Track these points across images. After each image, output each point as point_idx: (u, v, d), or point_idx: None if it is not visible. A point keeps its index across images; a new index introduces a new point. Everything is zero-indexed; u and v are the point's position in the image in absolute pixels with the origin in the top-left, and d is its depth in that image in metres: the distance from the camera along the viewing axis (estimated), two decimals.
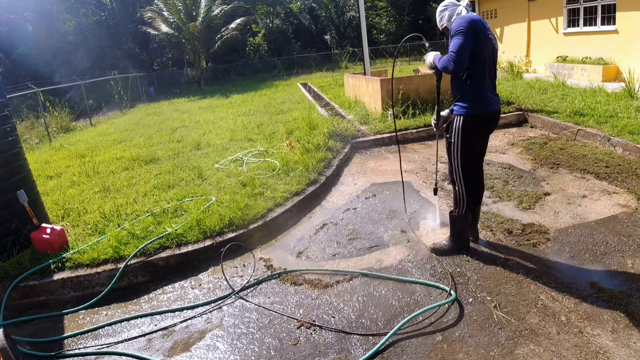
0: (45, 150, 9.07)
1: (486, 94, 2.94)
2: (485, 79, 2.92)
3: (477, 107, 2.93)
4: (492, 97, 2.97)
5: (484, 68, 2.88)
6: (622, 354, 2.21)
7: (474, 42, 2.76)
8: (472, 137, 3.01)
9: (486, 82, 2.93)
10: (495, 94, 3.03)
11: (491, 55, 2.92)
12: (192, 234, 3.72)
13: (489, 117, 3.01)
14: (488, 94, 2.95)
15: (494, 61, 2.97)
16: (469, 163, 3.10)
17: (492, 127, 3.13)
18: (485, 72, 2.90)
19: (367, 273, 3.20)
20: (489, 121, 3.04)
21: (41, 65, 21.20)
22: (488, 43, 2.86)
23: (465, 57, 2.76)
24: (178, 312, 3.00)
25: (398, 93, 7.80)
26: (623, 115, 6.15)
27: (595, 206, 3.89)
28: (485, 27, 2.85)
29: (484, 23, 2.88)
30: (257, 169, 5.44)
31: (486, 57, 2.87)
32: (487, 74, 2.92)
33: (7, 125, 3.81)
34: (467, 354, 2.32)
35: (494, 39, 2.94)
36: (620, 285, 2.75)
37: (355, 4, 17.76)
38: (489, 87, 2.95)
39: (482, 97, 2.93)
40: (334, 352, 2.46)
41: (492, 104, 2.97)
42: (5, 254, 3.59)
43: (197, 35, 22.45)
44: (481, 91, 2.92)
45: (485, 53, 2.85)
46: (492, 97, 2.98)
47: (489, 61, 2.91)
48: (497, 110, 3.05)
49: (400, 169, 4.19)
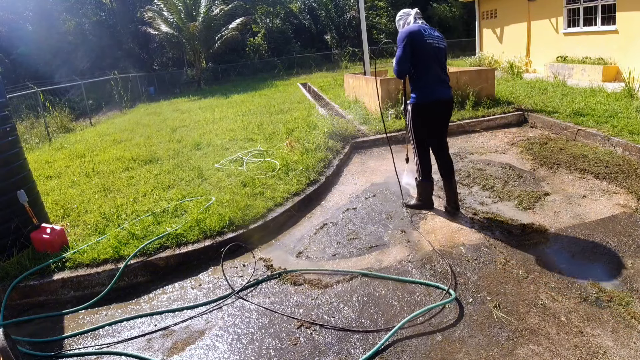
0: (45, 150, 9.07)
1: (431, 86, 3.64)
2: (430, 74, 3.62)
3: (422, 96, 3.67)
4: (438, 88, 3.66)
5: (428, 66, 3.60)
6: (622, 354, 2.21)
7: (412, 50, 3.54)
8: (421, 120, 3.75)
9: (431, 76, 3.63)
10: (443, 85, 3.69)
11: (435, 55, 3.60)
12: (192, 234, 3.72)
13: (436, 104, 3.69)
14: (434, 85, 3.65)
15: (440, 59, 3.65)
16: (421, 140, 3.87)
17: (442, 112, 3.77)
18: (430, 69, 3.61)
19: (366, 273, 3.20)
20: (436, 107, 3.71)
21: (41, 65, 21.19)
22: (428, 47, 3.56)
23: (404, 67, 3.59)
24: (178, 312, 3.00)
25: (398, 93, 7.80)
26: (623, 115, 6.15)
27: (595, 206, 3.89)
28: (423, 34, 3.55)
29: (423, 30, 3.57)
30: (257, 169, 5.44)
31: (429, 58, 3.58)
32: (433, 70, 3.62)
33: (7, 125, 3.81)
34: (467, 354, 2.32)
35: (437, 40, 3.62)
36: (620, 285, 2.75)
37: (355, 4, 17.76)
38: (435, 80, 3.65)
39: (427, 89, 3.65)
40: (334, 352, 2.46)
41: (438, 93, 3.67)
42: (5, 254, 3.59)
43: (197, 35, 22.44)
44: (426, 84, 3.64)
45: (427, 55, 3.57)
46: (438, 87, 3.66)
47: (433, 60, 3.61)
48: (445, 98, 3.71)
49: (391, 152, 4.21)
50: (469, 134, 6.92)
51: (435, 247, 3.48)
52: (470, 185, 4.68)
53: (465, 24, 28.18)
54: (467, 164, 5.42)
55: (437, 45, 3.61)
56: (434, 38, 3.60)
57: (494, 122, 7.19)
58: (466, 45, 25.41)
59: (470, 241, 3.51)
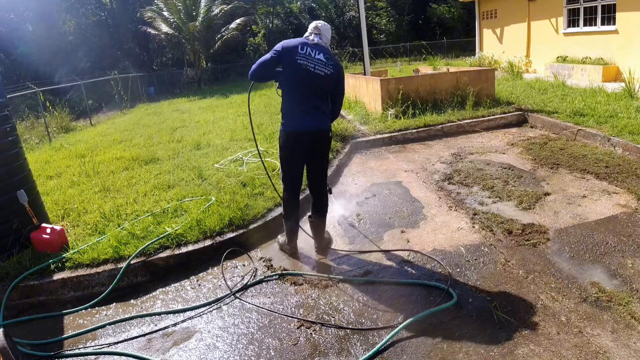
0: (45, 150, 9.06)
1: (296, 114, 3.14)
2: (295, 100, 3.13)
3: (286, 124, 3.19)
4: (302, 116, 3.13)
5: (294, 90, 3.12)
6: (622, 354, 2.21)
7: (276, 62, 3.09)
8: (285, 150, 3.25)
9: (296, 103, 3.13)
10: (313, 114, 3.14)
11: (307, 80, 3.05)
12: (192, 234, 3.72)
13: (299, 136, 3.16)
14: (298, 113, 3.13)
15: (316, 86, 3.09)
16: (287, 169, 3.35)
17: (307, 145, 3.22)
18: (297, 94, 3.12)
19: (366, 279, 3.20)
20: (300, 139, 3.18)
21: (41, 65, 21.19)
22: (298, 68, 3.04)
23: (260, 69, 3.10)
24: (178, 313, 3.00)
25: (398, 93, 7.81)
26: (623, 115, 6.15)
27: (595, 206, 3.89)
28: (297, 52, 3.04)
29: (301, 48, 3.06)
30: (257, 169, 5.44)
31: (296, 80, 3.08)
32: (300, 96, 3.12)
33: (7, 125, 3.80)
34: (467, 354, 2.32)
35: (315, 64, 3.04)
36: (620, 285, 2.75)
37: (355, 4, 17.76)
38: (300, 107, 3.13)
39: (291, 116, 3.16)
40: (334, 352, 2.46)
41: (302, 123, 3.13)
42: (5, 254, 3.59)
43: (197, 35, 22.45)
44: (290, 110, 3.16)
45: (295, 77, 3.07)
46: (302, 116, 3.13)
47: (303, 84, 3.08)
48: (309, 130, 3.15)
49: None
50: (469, 134, 6.93)
51: (436, 247, 3.48)
52: (470, 185, 4.68)
53: (465, 24, 28.20)
54: (467, 164, 5.42)
55: (313, 69, 3.04)
56: (313, 61, 3.05)
57: (494, 122, 7.19)
58: (466, 45, 25.44)
59: (470, 241, 3.51)
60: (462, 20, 28.47)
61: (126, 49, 27.52)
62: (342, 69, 3.22)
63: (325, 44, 3.19)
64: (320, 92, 3.15)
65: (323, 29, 3.20)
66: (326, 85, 3.14)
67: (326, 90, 3.18)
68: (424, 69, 11.16)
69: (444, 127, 7.01)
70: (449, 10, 28.39)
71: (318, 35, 3.17)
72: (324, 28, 3.21)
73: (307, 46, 3.09)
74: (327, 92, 3.20)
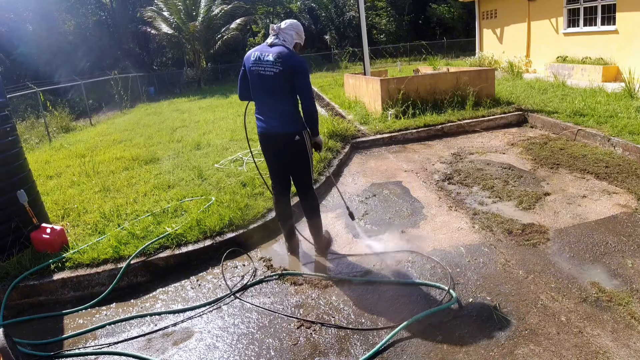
0: (45, 150, 9.06)
1: (258, 117, 3.28)
2: (259, 105, 3.27)
3: (257, 126, 3.34)
4: (262, 121, 3.25)
5: (255, 95, 3.24)
6: (622, 354, 2.21)
7: (245, 74, 3.24)
8: (262, 150, 3.44)
9: (258, 106, 3.28)
10: (268, 117, 3.22)
11: (260, 83, 3.13)
12: (192, 234, 3.72)
13: (263, 138, 3.33)
14: (259, 116, 3.27)
15: (267, 90, 3.15)
16: (269, 170, 3.54)
17: (270, 147, 3.35)
18: (257, 99, 3.25)
19: (367, 279, 3.20)
20: (265, 141, 3.34)
21: (41, 65, 21.18)
22: (252, 74, 3.15)
23: (239, 88, 3.36)
24: (178, 312, 3.00)
25: (398, 93, 7.81)
26: (623, 115, 6.15)
27: (595, 206, 3.89)
28: (250, 59, 3.14)
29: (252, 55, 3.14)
30: (257, 169, 5.43)
31: (254, 85, 3.18)
32: (259, 99, 3.24)
33: (7, 125, 3.80)
34: (467, 354, 2.32)
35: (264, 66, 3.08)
36: (620, 285, 2.75)
37: (355, 4, 17.75)
38: (260, 111, 3.27)
39: (257, 120, 3.31)
40: (334, 352, 2.46)
41: (261, 126, 3.27)
42: (5, 254, 3.59)
43: (197, 35, 22.45)
44: (257, 114, 3.30)
45: (253, 82, 3.17)
46: (263, 120, 3.25)
47: (259, 88, 3.16)
48: (270, 133, 3.25)
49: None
50: (469, 134, 6.93)
51: (436, 247, 3.48)
52: (470, 185, 4.68)
53: (465, 24, 28.19)
54: (467, 164, 5.42)
55: (263, 72, 3.07)
56: (262, 64, 3.07)
57: (494, 122, 7.19)
58: (466, 45, 25.43)
59: (470, 241, 3.51)
60: (462, 20, 28.46)
61: (126, 49, 27.51)
62: (297, 63, 3.05)
63: (282, 42, 3.11)
64: (275, 93, 3.12)
65: (282, 27, 3.15)
66: (277, 84, 3.08)
67: (282, 90, 3.10)
68: (424, 69, 11.15)
69: (444, 127, 7.01)
70: (449, 10, 28.37)
71: (275, 35, 3.16)
72: (285, 26, 3.15)
73: (258, 52, 3.14)
74: (285, 92, 3.12)
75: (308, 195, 3.46)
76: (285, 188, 3.51)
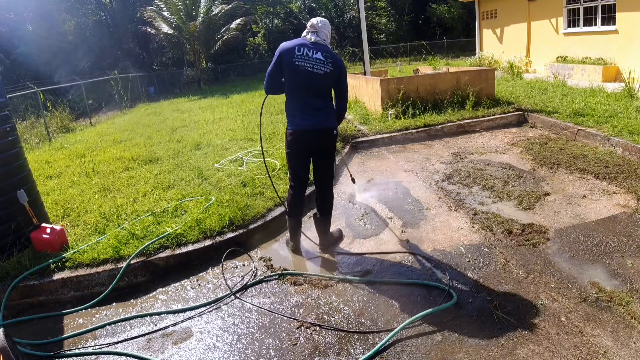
0: (45, 150, 9.06)
1: (297, 114, 3.21)
2: (295, 100, 3.20)
3: (289, 124, 3.27)
4: (303, 116, 3.19)
5: (295, 90, 3.17)
6: (622, 354, 2.21)
7: (279, 68, 3.14)
8: (291, 149, 3.33)
9: (297, 103, 3.20)
10: (314, 114, 3.19)
11: (306, 79, 3.10)
12: (192, 234, 3.72)
13: (299, 135, 3.23)
14: (299, 113, 3.20)
15: (315, 85, 3.12)
16: (292, 168, 3.43)
17: (311, 144, 3.28)
18: (299, 95, 3.17)
19: (367, 279, 3.20)
20: (300, 138, 3.24)
21: (41, 65, 21.19)
22: (296, 69, 3.08)
23: (269, 81, 3.22)
24: (178, 312, 3.00)
25: (398, 93, 7.81)
26: (623, 116, 6.15)
27: (595, 206, 3.89)
28: (294, 53, 3.08)
29: (298, 49, 3.08)
30: (257, 169, 5.44)
31: (297, 81, 3.12)
32: (300, 96, 3.17)
33: (7, 125, 3.80)
34: (467, 354, 2.32)
35: (313, 63, 3.08)
36: (620, 285, 2.75)
37: (355, 4, 17.75)
38: (301, 107, 3.19)
39: (293, 116, 3.23)
40: (334, 352, 2.46)
41: (302, 122, 3.20)
42: (5, 254, 3.59)
43: (197, 35, 22.45)
44: (292, 111, 3.24)
45: (295, 78, 3.11)
46: (304, 115, 3.19)
47: (304, 85, 3.12)
48: (312, 129, 3.20)
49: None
50: (469, 134, 6.93)
51: (436, 247, 3.48)
52: (470, 185, 4.68)
53: (465, 24, 28.20)
54: (467, 164, 5.42)
55: (312, 69, 3.07)
56: (311, 61, 3.07)
57: (494, 122, 7.19)
58: (466, 45, 25.44)
59: (470, 241, 3.51)
60: (462, 20, 28.48)
61: (126, 49, 27.52)
62: (342, 65, 3.21)
63: (323, 40, 3.19)
64: (321, 91, 3.17)
65: (319, 26, 3.19)
66: (326, 83, 3.15)
67: (328, 89, 3.20)
68: (424, 69, 11.16)
69: (444, 127, 7.01)
70: (449, 10, 28.39)
71: (315, 33, 3.17)
72: (321, 25, 3.20)
73: (304, 47, 3.10)
74: (328, 90, 3.22)
75: (331, 190, 3.54)
76: (306, 185, 3.54)
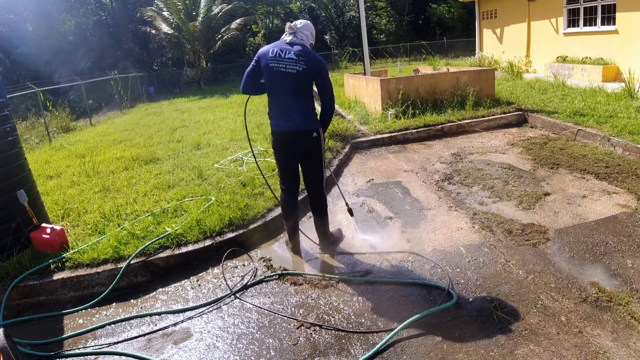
0: (45, 150, 9.06)
1: (275, 115, 3.23)
2: (274, 102, 3.22)
3: (270, 125, 3.31)
4: (281, 118, 3.21)
5: (273, 92, 3.19)
6: (622, 354, 2.21)
7: (257, 70, 3.17)
8: (275, 151, 3.40)
9: (275, 104, 3.22)
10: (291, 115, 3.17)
11: (281, 81, 3.10)
12: (192, 234, 3.72)
13: (280, 136, 3.27)
14: (278, 115, 3.22)
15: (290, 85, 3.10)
16: (279, 171, 3.49)
17: (291, 146, 3.28)
18: (275, 96, 3.18)
19: (367, 279, 3.20)
20: (281, 139, 3.27)
21: (41, 65, 21.18)
22: (271, 71, 3.09)
23: (244, 80, 3.23)
24: (178, 312, 3.00)
25: (398, 93, 7.81)
26: (623, 116, 6.15)
27: (595, 206, 3.89)
28: (268, 56, 3.09)
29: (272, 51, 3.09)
30: (257, 169, 5.44)
31: (273, 83, 3.13)
32: (278, 98, 3.18)
33: (7, 125, 3.81)
34: (467, 354, 2.32)
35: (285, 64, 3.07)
36: (620, 285, 2.75)
37: (355, 4, 17.75)
38: (279, 109, 3.20)
39: (273, 118, 3.26)
40: (334, 352, 2.46)
41: (279, 124, 3.23)
42: (5, 254, 3.59)
43: (197, 35, 22.45)
44: (272, 112, 3.26)
45: (271, 80, 3.12)
46: (281, 117, 3.21)
47: (280, 86, 3.12)
48: (290, 131, 3.20)
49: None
50: (469, 134, 6.93)
51: (436, 247, 3.48)
52: (470, 185, 4.68)
53: (465, 24, 28.20)
54: (467, 164, 5.42)
55: (285, 69, 3.06)
56: (283, 61, 3.06)
57: (494, 122, 7.19)
58: (466, 45, 25.43)
59: (470, 241, 3.51)
60: (462, 20, 28.47)
61: (126, 49, 27.50)
62: (319, 62, 3.12)
63: (300, 40, 3.15)
64: (297, 92, 3.13)
65: (298, 27, 3.17)
66: (301, 83, 3.11)
67: (304, 89, 3.15)
68: (424, 69, 11.16)
69: (444, 127, 7.01)
70: (449, 10, 28.39)
71: (292, 34, 3.16)
72: (301, 26, 3.18)
73: (277, 48, 3.11)
74: (306, 90, 3.17)
75: (320, 193, 3.49)
76: (295, 188, 3.51)
